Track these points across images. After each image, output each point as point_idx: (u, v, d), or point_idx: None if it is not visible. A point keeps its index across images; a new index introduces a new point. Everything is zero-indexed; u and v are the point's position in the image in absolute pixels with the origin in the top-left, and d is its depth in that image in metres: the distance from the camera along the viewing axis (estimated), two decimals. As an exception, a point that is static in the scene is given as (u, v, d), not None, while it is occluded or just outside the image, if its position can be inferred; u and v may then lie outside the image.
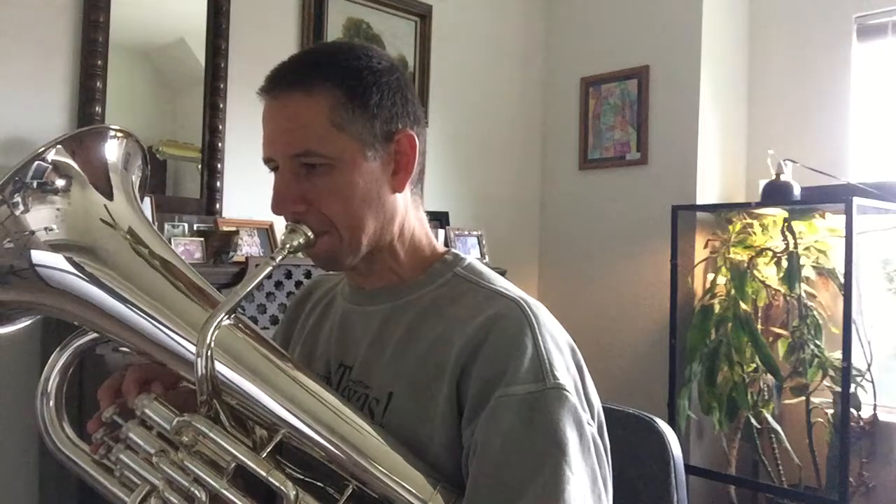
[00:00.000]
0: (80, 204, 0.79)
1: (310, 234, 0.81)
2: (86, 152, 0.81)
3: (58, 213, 0.78)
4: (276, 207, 0.82)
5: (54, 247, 0.77)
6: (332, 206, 0.81)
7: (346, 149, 0.81)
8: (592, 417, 0.79)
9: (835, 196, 2.55)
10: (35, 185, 0.76)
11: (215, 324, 0.71)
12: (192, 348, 0.73)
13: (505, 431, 0.72)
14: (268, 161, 0.84)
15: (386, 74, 0.84)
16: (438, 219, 2.80)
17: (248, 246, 2.29)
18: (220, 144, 2.37)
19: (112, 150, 0.84)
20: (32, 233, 0.76)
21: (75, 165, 0.79)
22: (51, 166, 0.77)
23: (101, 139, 0.83)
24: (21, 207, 0.76)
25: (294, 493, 0.71)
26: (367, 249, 0.85)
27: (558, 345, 0.79)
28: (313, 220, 0.82)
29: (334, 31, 2.69)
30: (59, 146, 0.78)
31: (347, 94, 0.80)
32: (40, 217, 0.77)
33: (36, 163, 0.76)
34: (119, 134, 0.84)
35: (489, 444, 0.72)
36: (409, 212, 0.88)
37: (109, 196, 0.82)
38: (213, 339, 0.71)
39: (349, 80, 0.81)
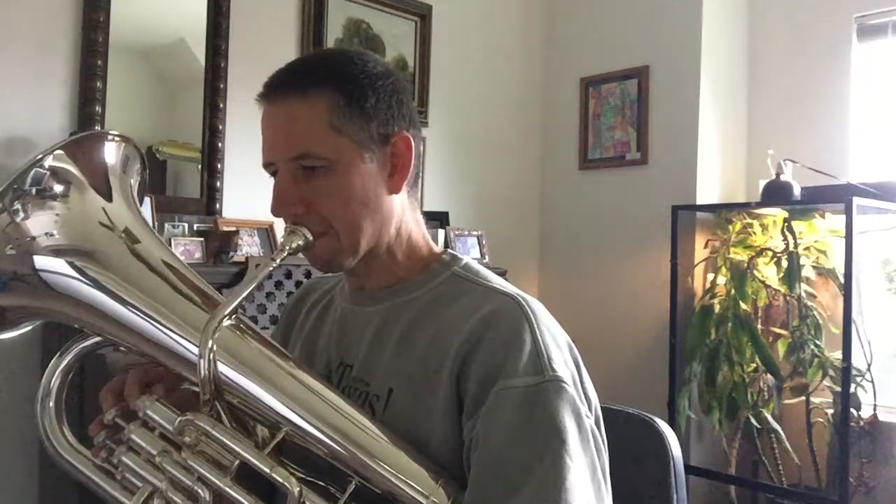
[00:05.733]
0: (80, 208, 0.80)
1: (309, 235, 0.82)
2: (84, 156, 0.82)
3: (57, 217, 0.79)
4: (276, 210, 0.84)
5: (55, 251, 0.78)
6: (330, 208, 0.83)
7: (344, 151, 0.82)
8: (590, 411, 0.80)
9: (835, 196, 2.55)
10: (34, 191, 0.77)
11: (216, 325, 0.72)
12: (195, 349, 0.74)
13: (505, 424, 0.73)
14: (267, 165, 0.86)
15: (382, 78, 0.85)
16: (438, 219, 2.80)
17: (248, 246, 2.29)
18: (220, 144, 2.37)
19: (111, 154, 0.84)
20: (33, 238, 0.77)
21: (74, 170, 0.80)
22: (49, 172, 0.78)
23: (99, 144, 0.84)
24: (21, 214, 0.77)
25: (298, 489, 0.72)
26: (365, 250, 0.86)
27: (556, 340, 0.81)
28: (312, 221, 0.83)
29: (334, 31, 2.69)
30: (57, 152, 0.79)
31: (344, 98, 0.82)
32: (41, 222, 0.78)
33: (34, 169, 0.77)
34: (117, 138, 0.85)
35: (490, 437, 0.74)
36: (406, 213, 0.90)
37: (108, 198, 0.82)
38: (215, 339, 0.72)
39: (346, 84, 0.83)
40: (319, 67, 0.85)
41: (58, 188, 0.79)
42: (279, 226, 2.41)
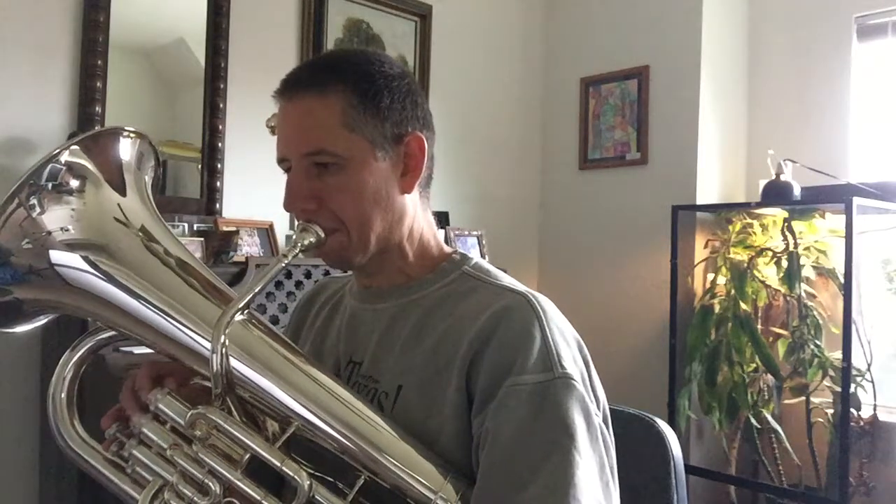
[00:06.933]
0: (95, 203, 0.81)
1: (321, 233, 0.83)
2: (100, 152, 0.83)
3: (73, 212, 0.79)
4: (289, 205, 0.85)
5: (71, 246, 0.78)
6: (342, 205, 0.83)
7: (358, 149, 0.83)
8: (598, 408, 0.81)
9: (835, 196, 2.56)
10: (50, 186, 0.78)
11: (228, 320, 0.73)
12: (207, 344, 0.74)
13: (515, 420, 0.74)
14: (281, 161, 0.86)
15: (397, 80, 0.87)
16: (438, 219, 2.81)
17: (248, 246, 2.29)
18: (220, 144, 2.37)
19: (126, 150, 0.85)
20: (49, 233, 0.78)
21: (90, 165, 0.81)
22: (65, 167, 0.79)
23: (115, 139, 0.85)
24: (37, 209, 0.77)
25: (308, 482, 0.72)
26: (375, 248, 0.87)
27: (565, 337, 0.81)
28: (324, 218, 0.84)
29: (334, 31, 2.69)
30: (73, 147, 0.79)
31: (360, 97, 0.83)
32: (56, 217, 0.78)
33: (50, 165, 0.77)
34: (132, 135, 0.86)
35: (499, 433, 0.74)
36: (417, 213, 0.90)
37: (123, 194, 0.83)
38: (227, 334, 0.73)
39: (362, 83, 0.84)
40: (336, 66, 0.86)
41: (73, 183, 0.79)
42: (279, 226, 2.42)
